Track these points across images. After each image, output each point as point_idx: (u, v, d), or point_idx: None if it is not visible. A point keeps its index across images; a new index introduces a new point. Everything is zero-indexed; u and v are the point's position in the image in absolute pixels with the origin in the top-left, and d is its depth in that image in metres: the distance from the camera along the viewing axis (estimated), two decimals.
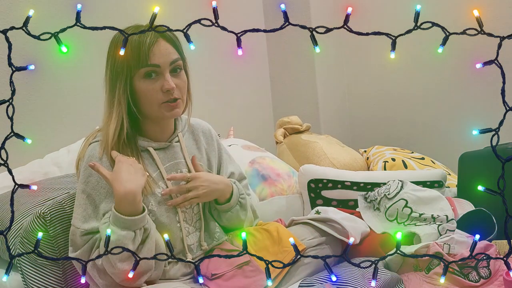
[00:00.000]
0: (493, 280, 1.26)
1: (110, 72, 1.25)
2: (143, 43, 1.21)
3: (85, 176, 1.23)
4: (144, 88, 1.23)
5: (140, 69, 1.22)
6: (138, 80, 1.23)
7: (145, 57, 1.21)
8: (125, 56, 1.19)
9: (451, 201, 1.71)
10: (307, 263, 1.36)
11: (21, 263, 1.30)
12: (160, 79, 1.23)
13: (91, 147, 1.26)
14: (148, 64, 1.21)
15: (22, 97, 1.83)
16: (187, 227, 1.33)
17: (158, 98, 1.24)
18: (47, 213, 1.29)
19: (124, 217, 1.14)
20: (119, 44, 1.19)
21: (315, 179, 1.85)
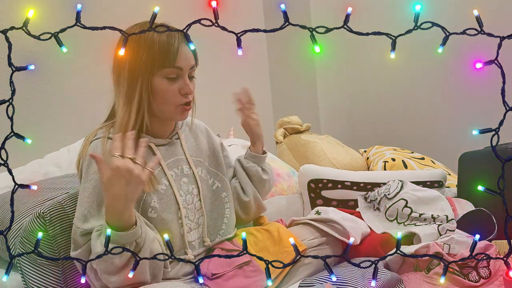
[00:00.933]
0: (493, 280, 1.26)
1: (130, 67, 1.24)
2: (172, 44, 1.24)
3: (88, 174, 1.22)
4: (164, 88, 1.25)
5: (165, 69, 1.24)
6: (159, 79, 1.25)
7: (173, 58, 1.24)
8: (152, 54, 1.22)
9: (451, 201, 1.71)
10: (307, 263, 1.37)
11: (21, 263, 1.30)
12: (179, 81, 1.26)
13: (93, 145, 1.25)
14: (174, 65, 1.24)
15: (22, 97, 1.83)
16: (188, 223, 1.33)
17: (176, 99, 1.27)
18: (47, 213, 1.28)
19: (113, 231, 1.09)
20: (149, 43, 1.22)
21: (315, 179, 1.85)
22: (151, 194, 1.26)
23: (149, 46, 1.23)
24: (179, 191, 1.32)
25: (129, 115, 1.24)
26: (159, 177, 1.29)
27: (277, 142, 2.39)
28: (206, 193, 1.40)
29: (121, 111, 1.25)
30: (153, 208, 1.26)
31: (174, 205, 1.30)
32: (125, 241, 1.10)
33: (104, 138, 1.25)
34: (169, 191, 1.30)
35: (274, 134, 2.40)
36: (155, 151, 1.30)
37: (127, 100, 1.25)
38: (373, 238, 1.50)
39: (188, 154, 1.37)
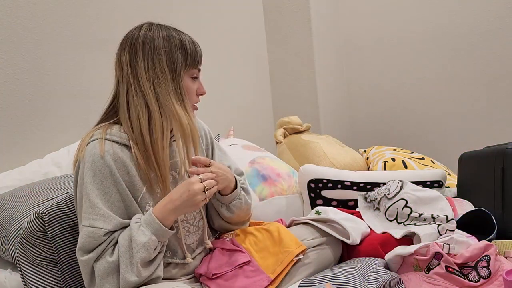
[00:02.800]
0: (493, 280, 1.26)
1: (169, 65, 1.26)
2: (197, 47, 1.31)
3: (89, 176, 1.20)
4: (190, 87, 1.30)
5: (193, 69, 1.31)
6: (187, 78, 1.30)
7: (199, 60, 1.32)
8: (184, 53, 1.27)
9: (451, 201, 1.71)
10: (307, 263, 1.37)
11: (20, 264, 1.29)
12: (196, 82, 1.33)
13: (91, 146, 1.23)
14: (198, 67, 1.32)
15: (22, 97, 1.83)
16: (187, 226, 1.33)
17: (193, 99, 1.32)
18: (46, 213, 1.28)
19: (161, 225, 1.18)
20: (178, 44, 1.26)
21: (315, 179, 1.85)
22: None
23: (181, 46, 1.27)
24: None
25: (187, 111, 1.27)
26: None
27: (277, 142, 2.39)
28: None
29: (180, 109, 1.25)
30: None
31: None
32: (164, 238, 1.20)
33: (101, 139, 1.23)
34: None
35: (274, 134, 2.40)
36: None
37: (178, 97, 1.26)
38: (373, 238, 1.51)
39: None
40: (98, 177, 1.19)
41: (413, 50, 2.88)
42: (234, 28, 2.77)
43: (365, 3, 2.99)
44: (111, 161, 1.21)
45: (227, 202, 1.38)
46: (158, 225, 1.17)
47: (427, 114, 2.88)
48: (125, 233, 1.18)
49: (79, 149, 1.25)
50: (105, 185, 1.19)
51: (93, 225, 1.16)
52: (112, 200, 1.20)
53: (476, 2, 2.67)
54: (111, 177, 1.20)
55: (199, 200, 1.21)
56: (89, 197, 1.18)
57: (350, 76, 3.11)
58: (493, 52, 2.64)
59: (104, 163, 1.20)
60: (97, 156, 1.20)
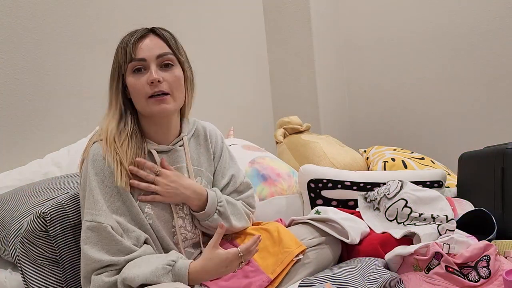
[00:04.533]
0: (493, 280, 1.26)
1: (110, 72, 1.30)
2: (131, 39, 1.26)
3: (92, 175, 1.22)
4: (133, 82, 1.25)
5: (128, 65, 1.25)
6: (128, 76, 1.27)
7: (131, 51, 1.24)
8: (117, 56, 1.27)
9: (451, 201, 1.71)
10: (307, 263, 1.36)
11: (21, 263, 1.29)
12: (146, 74, 1.25)
13: (95, 146, 1.26)
14: (134, 58, 1.24)
15: (22, 97, 1.83)
16: (184, 233, 1.33)
17: (145, 91, 1.24)
18: (47, 213, 1.28)
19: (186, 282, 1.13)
20: (117, 48, 1.28)
21: (315, 179, 1.85)
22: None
23: (116, 51, 1.28)
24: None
25: (108, 116, 1.28)
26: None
27: (277, 142, 2.39)
28: None
29: (106, 117, 1.28)
30: (147, 214, 1.26)
31: (168, 214, 1.30)
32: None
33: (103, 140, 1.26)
34: None
35: (274, 134, 2.40)
36: (155, 157, 1.30)
37: (109, 107, 1.29)
38: (372, 238, 1.51)
39: (190, 162, 1.36)
40: (99, 176, 1.21)
41: (413, 50, 2.88)
42: (234, 28, 2.77)
43: (365, 3, 2.99)
44: (110, 160, 1.23)
45: (198, 218, 1.34)
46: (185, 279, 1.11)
47: (427, 114, 2.88)
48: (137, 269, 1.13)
49: (85, 148, 1.29)
50: (106, 185, 1.21)
51: (95, 220, 1.17)
52: (112, 199, 1.21)
53: (476, 2, 2.67)
54: (111, 177, 1.21)
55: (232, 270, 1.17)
56: (92, 193, 1.20)
57: (350, 76, 3.11)
58: (493, 52, 2.64)
59: (106, 163, 1.22)
60: (99, 156, 1.23)
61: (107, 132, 1.26)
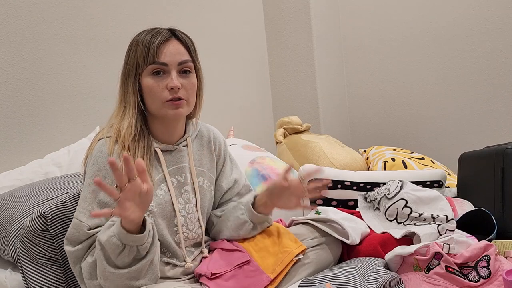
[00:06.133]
0: (493, 280, 1.26)
1: (123, 69, 1.29)
2: (154, 41, 1.24)
3: (93, 171, 1.22)
4: (151, 85, 1.25)
5: (148, 66, 1.25)
6: (145, 77, 1.26)
7: (154, 54, 1.24)
8: (136, 54, 1.25)
9: (451, 201, 1.72)
10: (307, 263, 1.36)
11: (22, 263, 1.30)
12: (167, 77, 1.26)
13: (101, 143, 1.26)
14: (156, 61, 1.24)
15: (22, 97, 1.83)
16: (186, 232, 1.33)
17: (163, 95, 1.25)
18: (48, 212, 1.28)
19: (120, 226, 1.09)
20: (134, 45, 1.26)
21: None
22: None
23: (135, 48, 1.26)
24: (179, 198, 1.32)
25: (123, 115, 1.27)
26: (160, 183, 1.29)
27: (277, 142, 2.39)
28: (207, 203, 1.40)
29: (117, 114, 1.28)
30: (150, 211, 1.27)
31: (170, 212, 1.30)
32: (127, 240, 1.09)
33: (112, 138, 1.25)
34: (167, 197, 1.30)
35: (274, 134, 2.40)
36: (160, 156, 1.30)
37: (119, 100, 1.29)
38: (373, 238, 1.51)
39: (192, 163, 1.36)
40: (102, 173, 1.22)
41: (413, 50, 2.88)
42: (234, 28, 2.77)
43: (365, 3, 2.99)
44: (117, 160, 1.22)
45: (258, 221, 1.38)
46: (118, 227, 1.09)
47: (427, 114, 2.88)
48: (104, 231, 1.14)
49: (90, 145, 1.29)
50: (107, 182, 1.22)
51: (77, 217, 1.19)
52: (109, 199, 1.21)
53: (477, 2, 2.67)
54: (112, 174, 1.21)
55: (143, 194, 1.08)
56: (84, 190, 1.22)
57: (350, 76, 3.12)
58: (493, 52, 2.64)
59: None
60: (104, 153, 1.23)
61: (118, 130, 1.25)
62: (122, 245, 1.09)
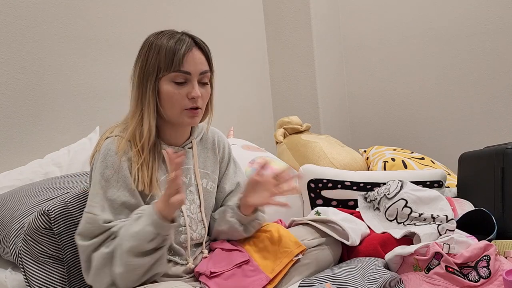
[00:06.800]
0: (493, 280, 1.26)
1: (141, 70, 1.27)
2: (179, 49, 1.25)
3: (102, 168, 1.23)
4: (171, 92, 1.26)
5: (171, 73, 1.25)
6: (166, 83, 1.26)
7: (179, 62, 1.25)
8: (158, 58, 1.25)
9: (451, 201, 1.72)
10: (307, 263, 1.37)
11: (23, 262, 1.30)
12: (187, 86, 1.27)
13: (109, 141, 1.26)
14: (180, 70, 1.25)
15: (22, 97, 1.83)
16: (190, 232, 1.34)
17: (183, 103, 1.27)
18: (52, 210, 1.28)
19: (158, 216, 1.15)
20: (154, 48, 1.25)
21: (315, 179, 1.85)
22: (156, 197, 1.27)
23: (157, 51, 1.25)
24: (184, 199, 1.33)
25: (141, 117, 1.26)
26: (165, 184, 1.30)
27: (277, 142, 2.39)
28: (210, 205, 1.41)
29: (133, 116, 1.27)
30: None
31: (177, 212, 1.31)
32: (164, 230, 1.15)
33: (120, 137, 1.26)
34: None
35: (274, 134, 2.40)
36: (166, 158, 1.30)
37: (135, 102, 1.28)
38: (372, 238, 1.51)
39: (197, 165, 1.38)
40: (109, 170, 1.22)
41: (413, 49, 2.88)
42: (234, 28, 2.77)
43: (365, 3, 2.99)
44: (125, 158, 1.24)
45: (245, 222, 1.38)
46: (156, 215, 1.14)
47: (427, 114, 2.88)
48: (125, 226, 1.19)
49: (98, 143, 1.30)
50: (114, 179, 1.22)
51: (91, 212, 1.19)
52: (118, 194, 1.22)
53: (477, 2, 2.67)
54: (120, 172, 1.23)
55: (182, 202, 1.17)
56: (95, 186, 1.22)
57: (350, 76, 3.12)
58: (493, 52, 2.64)
59: (117, 159, 1.23)
60: (112, 151, 1.24)
61: (134, 134, 1.26)
62: (156, 233, 1.14)
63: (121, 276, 1.15)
